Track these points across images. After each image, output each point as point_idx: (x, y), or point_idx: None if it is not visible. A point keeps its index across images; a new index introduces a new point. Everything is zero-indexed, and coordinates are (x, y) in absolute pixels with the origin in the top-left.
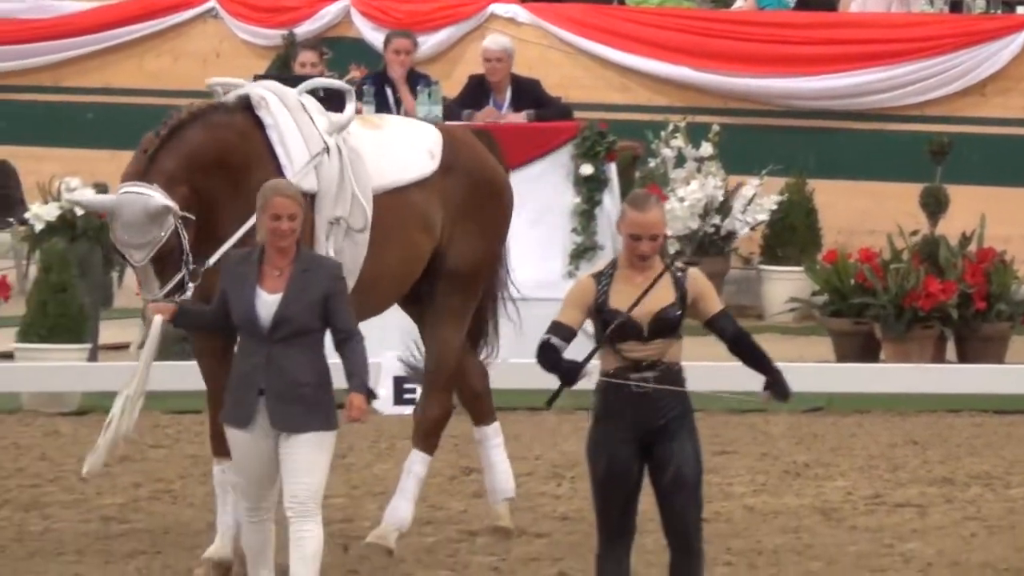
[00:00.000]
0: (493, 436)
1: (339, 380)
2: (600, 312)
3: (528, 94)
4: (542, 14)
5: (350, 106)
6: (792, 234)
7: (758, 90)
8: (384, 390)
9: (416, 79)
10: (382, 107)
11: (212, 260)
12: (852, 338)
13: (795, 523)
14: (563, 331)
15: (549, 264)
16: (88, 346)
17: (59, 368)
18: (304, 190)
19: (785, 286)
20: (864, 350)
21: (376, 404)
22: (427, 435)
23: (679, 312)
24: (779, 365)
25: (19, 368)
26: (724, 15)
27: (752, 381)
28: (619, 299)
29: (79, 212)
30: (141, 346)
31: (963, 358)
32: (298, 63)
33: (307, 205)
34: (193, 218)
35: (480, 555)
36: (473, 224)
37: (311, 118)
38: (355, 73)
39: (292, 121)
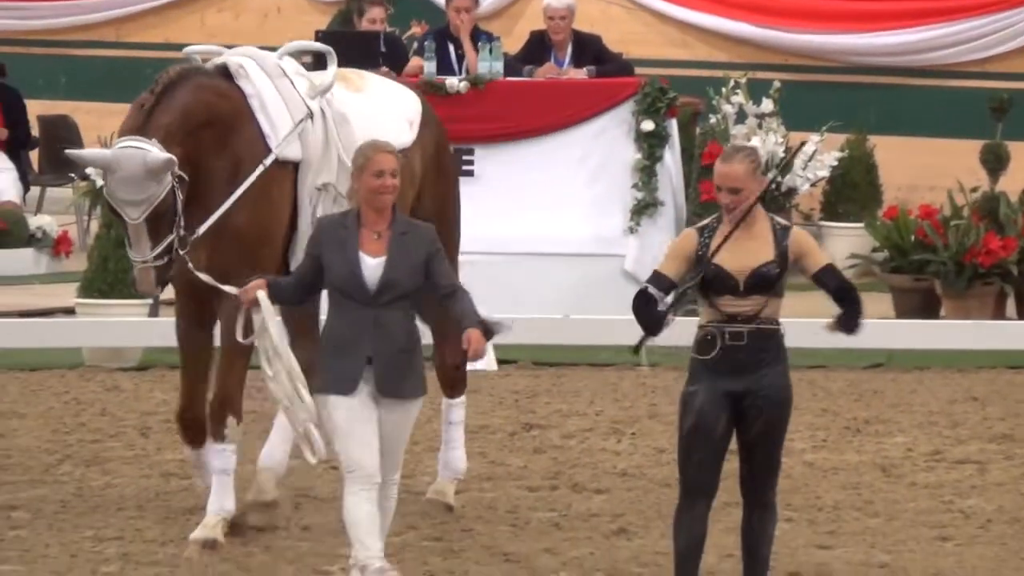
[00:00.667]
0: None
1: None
2: (700, 263)
3: (589, 50)
4: None
5: (331, 67)
6: (853, 190)
7: (819, 46)
8: None
9: (477, 35)
10: (443, 63)
11: (202, 229)
12: (912, 294)
13: (855, 479)
14: (662, 281)
15: (608, 220)
16: (149, 301)
17: (120, 323)
18: (289, 159)
19: (845, 242)
20: (924, 306)
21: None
22: (452, 383)
23: (778, 270)
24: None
25: (80, 323)
26: None
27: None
28: (721, 251)
29: None
30: (244, 336)
31: (1023, 314)
32: (367, 19)
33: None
34: (187, 179)
35: (540, 511)
36: (438, 194)
37: (292, 82)
38: (416, 29)
39: (273, 87)
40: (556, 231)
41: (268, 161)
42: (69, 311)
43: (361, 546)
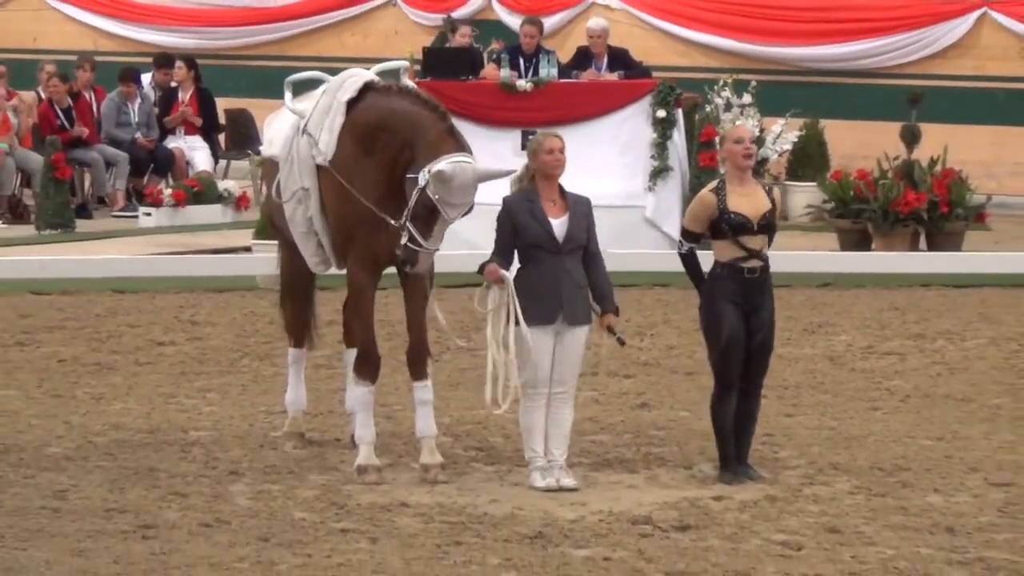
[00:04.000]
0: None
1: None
2: (723, 214)
3: (619, 59)
4: (629, 2)
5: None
6: (808, 159)
7: (784, 55)
8: None
9: (539, 50)
10: (515, 69)
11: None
12: (852, 233)
13: (811, 367)
14: (693, 237)
15: (634, 181)
16: None
17: None
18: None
19: (804, 196)
20: (860, 242)
21: None
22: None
23: (773, 215)
24: (799, 252)
25: (254, 258)
26: (759, 2)
27: None
28: (736, 203)
29: None
30: (485, 307)
31: (932, 248)
32: (459, 35)
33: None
34: None
35: (584, 391)
36: None
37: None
38: (495, 45)
39: None
40: (597, 189)
41: None
42: (247, 249)
43: (530, 449)
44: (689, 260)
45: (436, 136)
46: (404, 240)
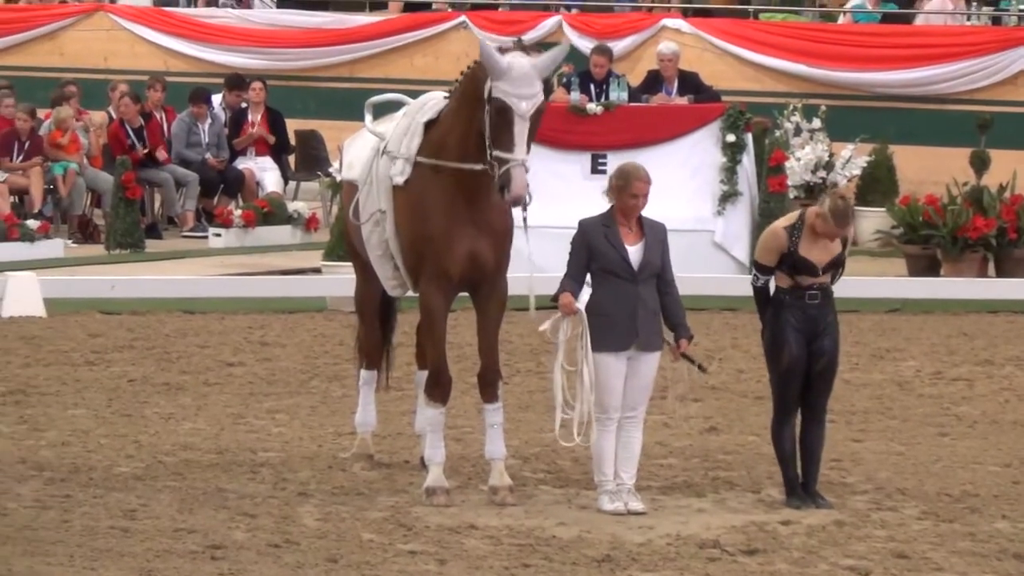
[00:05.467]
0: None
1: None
2: (792, 256)
3: (689, 83)
4: (699, 26)
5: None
6: (877, 184)
7: (853, 80)
8: None
9: (610, 75)
10: (585, 93)
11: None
12: (920, 259)
13: (879, 392)
14: (767, 271)
15: (703, 205)
16: None
17: (352, 279)
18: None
19: (873, 222)
20: (929, 268)
21: None
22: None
23: (843, 257)
24: (868, 278)
25: (324, 279)
26: (830, 27)
27: None
28: (807, 249)
29: None
30: (558, 337)
31: (1000, 274)
32: None
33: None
34: None
35: (653, 414)
36: None
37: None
38: (565, 68)
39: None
40: (666, 213)
41: None
42: (316, 270)
43: (600, 472)
44: (761, 294)
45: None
46: (496, 170)
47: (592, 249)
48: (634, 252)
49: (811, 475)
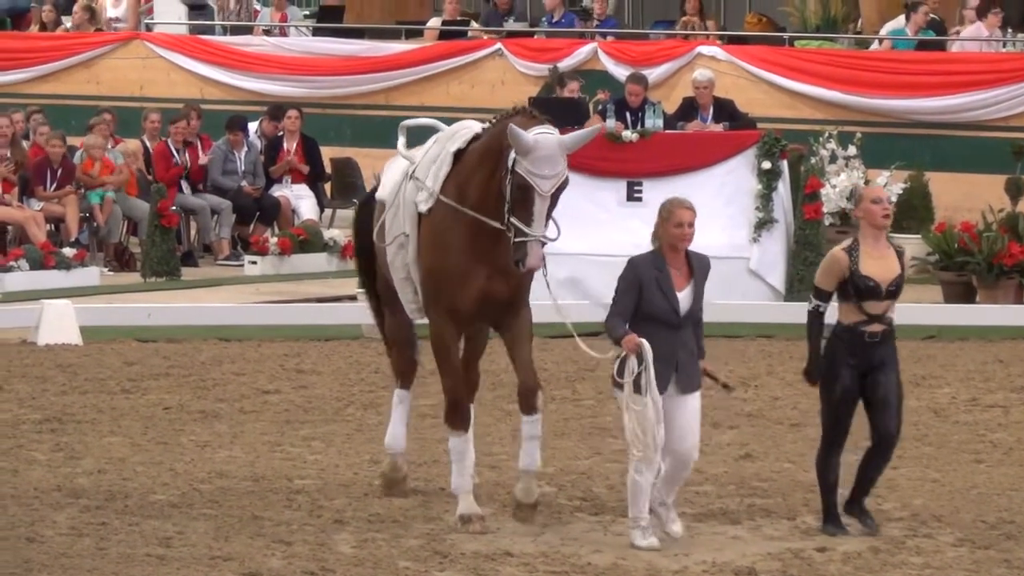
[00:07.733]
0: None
1: None
2: (854, 276)
3: (725, 110)
4: (735, 53)
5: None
6: (913, 211)
7: (889, 107)
8: None
9: (645, 102)
10: (620, 121)
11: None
12: (956, 286)
13: (914, 419)
14: (824, 296)
15: (738, 232)
16: None
17: None
18: None
19: (908, 249)
20: (964, 295)
21: None
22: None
23: (902, 280)
24: (903, 304)
25: (360, 307)
26: (865, 54)
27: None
28: (868, 266)
29: None
30: (624, 376)
31: None
32: (567, 89)
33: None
34: None
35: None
36: None
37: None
38: (601, 96)
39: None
40: (701, 240)
41: None
42: (352, 298)
43: (636, 508)
44: (814, 319)
45: (520, 124)
46: (512, 238)
47: (643, 292)
48: (683, 298)
49: (860, 494)
